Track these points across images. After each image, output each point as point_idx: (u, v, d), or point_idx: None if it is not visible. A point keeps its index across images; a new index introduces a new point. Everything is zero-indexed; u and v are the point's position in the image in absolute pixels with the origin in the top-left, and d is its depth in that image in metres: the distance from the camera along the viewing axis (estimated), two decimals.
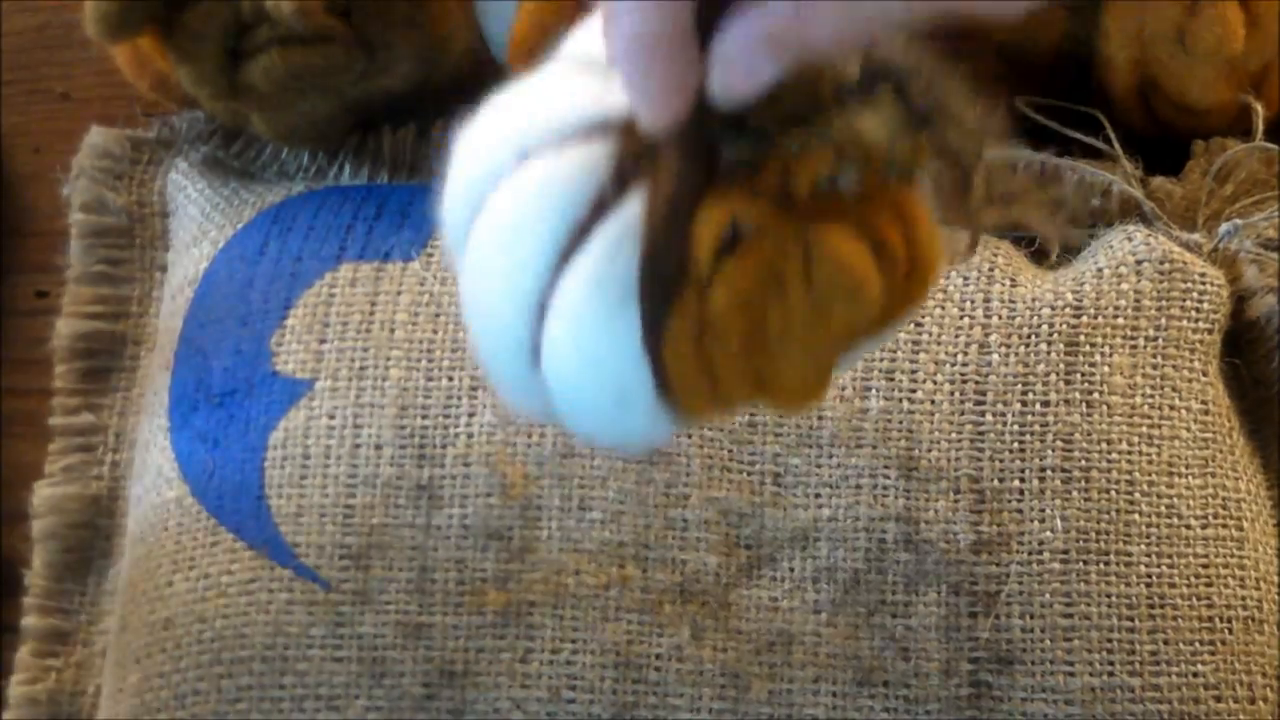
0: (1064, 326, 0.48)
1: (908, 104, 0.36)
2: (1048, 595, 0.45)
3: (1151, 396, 0.47)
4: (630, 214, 0.35)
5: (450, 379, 0.48)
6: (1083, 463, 0.46)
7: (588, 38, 0.38)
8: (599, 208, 0.35)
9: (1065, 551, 0.45)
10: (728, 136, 0.36)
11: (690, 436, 0.47)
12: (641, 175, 0.36)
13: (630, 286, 0.35)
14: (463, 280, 0.37)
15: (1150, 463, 0.47)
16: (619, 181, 0.35)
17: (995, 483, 0.46)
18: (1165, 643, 0.45)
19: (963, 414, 0.47)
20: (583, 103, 0.36)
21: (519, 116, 0.37)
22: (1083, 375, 0.47)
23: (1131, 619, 0.45)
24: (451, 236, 0.38)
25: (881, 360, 0.47)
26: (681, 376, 0.36)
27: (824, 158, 0.36)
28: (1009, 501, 0.46)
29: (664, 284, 0.36)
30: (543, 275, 0.35)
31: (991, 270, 0.49)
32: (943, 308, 0.48)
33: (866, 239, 0.37)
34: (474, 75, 0.58)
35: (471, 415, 0.47)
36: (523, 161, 0.36)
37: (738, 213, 0.36)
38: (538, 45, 0.51)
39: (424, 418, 0.47)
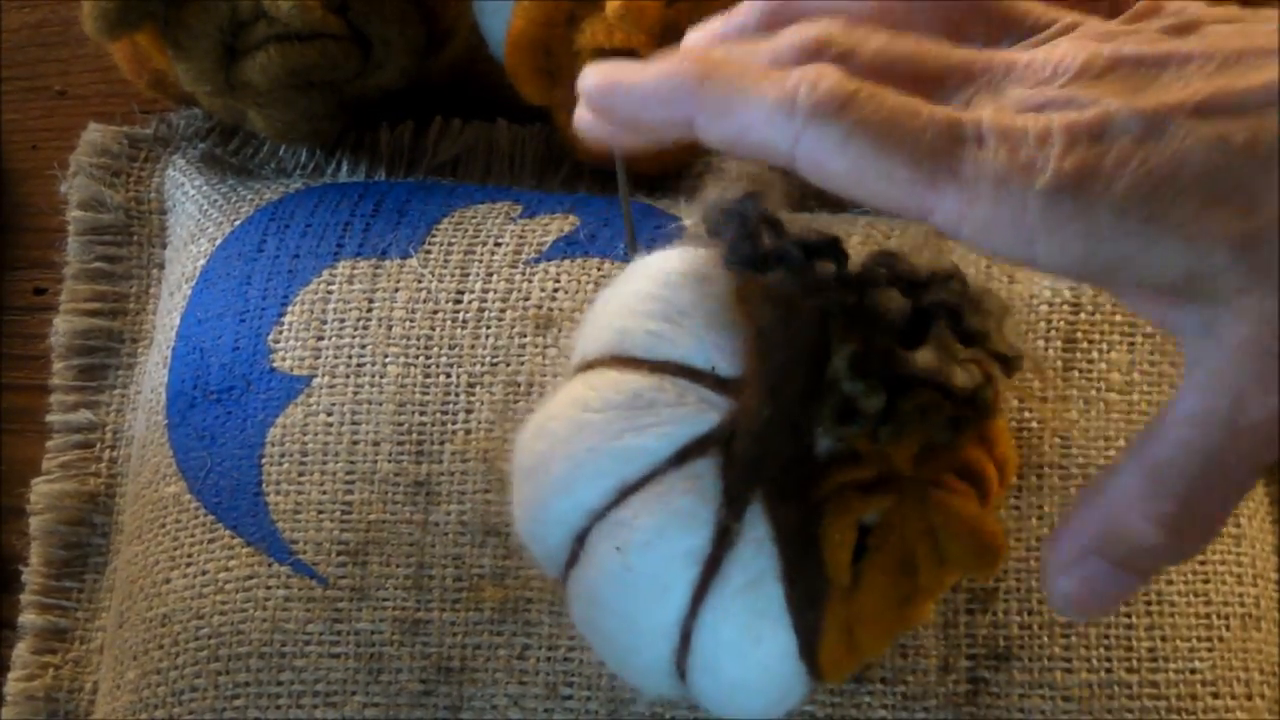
0: (1062, 324, 0.48)
1: (965, 332, 0.36)
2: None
3: (1149, 393, 0.47)
4: (758, 538, 0.36)
5: (448, 375, 0.48)
6: (1080, 460, 0.46)
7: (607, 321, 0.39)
8: (723, 534, 0.36)
9: None
10: (817, 429, 0.36)
11: None
12: (750, 488, 0.36)
13: (780, 610, 0.37)
14: (578, 605, 0.39)
15: None
16: (732, 502, 0.36)
17: None
18: (1163, 639, 0.45)
19: None
20: (667, 420, 0.37)
21: (601, 442, 0.37)
22: (1080, 372, 0.47)
23: (1129, 615, 0.45)
24: (541, 554, 0.39)
25: None
26: (833, 664, 0.38)
27: (919, 433, 0.36)
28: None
29: (812, 600, 0.37)
30: (682, 608, 0.37)
31: (989, 268, 0.49)
32: None
33: (971, 485, 0.38)
34: (471, 72, 0.58)
35: (469, 411, 0.47)
36: (624, 497, 0.37)
37: (860, 515, 0.37)
38: (535, 42, 0.51)
39: (422, 414, 0.47)
